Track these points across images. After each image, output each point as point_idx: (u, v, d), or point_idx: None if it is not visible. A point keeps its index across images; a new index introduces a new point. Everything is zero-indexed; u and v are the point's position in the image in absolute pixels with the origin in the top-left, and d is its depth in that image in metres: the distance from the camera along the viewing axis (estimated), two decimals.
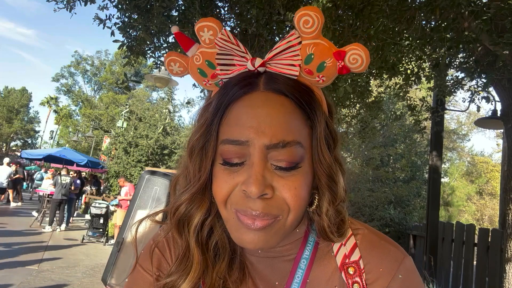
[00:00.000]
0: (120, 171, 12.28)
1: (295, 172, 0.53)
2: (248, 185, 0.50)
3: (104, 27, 3.77)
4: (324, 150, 0.55)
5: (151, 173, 2.98)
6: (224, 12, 4.16)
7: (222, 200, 0.54)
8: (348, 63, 0.55)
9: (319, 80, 0.56)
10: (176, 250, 0.63)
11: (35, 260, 6.18)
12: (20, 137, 44.09)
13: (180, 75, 0.63)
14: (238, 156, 0.53)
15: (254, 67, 0.55)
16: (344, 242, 0.60)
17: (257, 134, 0.51)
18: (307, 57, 0.55)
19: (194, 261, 0.58)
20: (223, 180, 0.54)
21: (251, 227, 0.52)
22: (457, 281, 5.77)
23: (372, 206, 10.22)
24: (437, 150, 6.08)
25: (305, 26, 0.54)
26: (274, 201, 0.52)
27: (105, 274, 2.72)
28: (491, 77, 3.69)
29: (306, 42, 0.55)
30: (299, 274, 0.58)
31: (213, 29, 0.57)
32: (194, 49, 0.61)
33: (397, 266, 0.57)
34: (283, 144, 0.51)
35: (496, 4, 2.82)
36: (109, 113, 24.50)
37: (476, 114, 13.70)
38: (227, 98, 0.55)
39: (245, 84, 0.55)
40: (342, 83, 3.21)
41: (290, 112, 0.53)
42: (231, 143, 0.53)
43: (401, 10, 3.27)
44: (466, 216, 18.78)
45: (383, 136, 10.55)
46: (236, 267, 0.62)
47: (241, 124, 0.53)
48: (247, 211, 0.52)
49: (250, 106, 0.53)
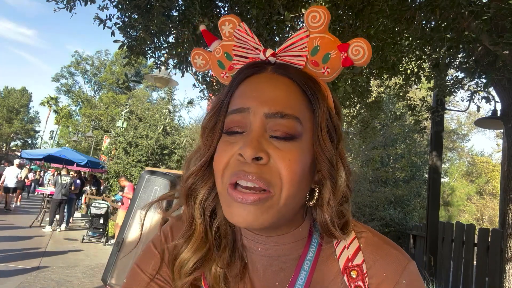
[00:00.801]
0: (120, 171, 12.27)
1: (291, 145, 0.53)
2: (243, 148, 0.51)
3: (105, 27, 3.77)
4: (325, 136, 0.56)
5: (151, 173, 2.98)
6: (224, 12, 4.16)
7: (219, 170, 0.55)
8: (351, 55, 0.59)
9: (324, 72, 0.60)
10: (178, 231, 0.64)
11: (35, 260, 6.18)
12: (20, 137, 44.10)
13: (202, 68, 0.69)
14: (240, 125, 0.55)
15: (265, 57, 0.60)
16: (347, 245, 0.59)
17: (258, 102, 0.54)
18: (313, 49, 0.60)
19: (196, 231, 0.60)
20: (222, 150, 0.56)
21: (241, 201, 0.52)
22: (457, 281, 5.77)
23: (372, 206, 10.22)
24: (437, 150, 6.08)
25: (313, 21, 0.60)
26: (268, 168, 0.52)
27: (105, 274, 2.72)
28: (491, 77, 3.69)
29: (313, 35, 0.60)
30: (302, 276, 0.58)
31: (233, 22, 0.64)
32: (216, 44, 0.67)
33: (401, 271, 0.57)
34: (281, 114, 0.54)
35: (496, 4, 2.82)
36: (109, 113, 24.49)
37: (476, 114, 13.70)
38: (238, 78, 0.59)
39: (255, 67, 0.59)
40: (342, 83, 3.21)
41: (293, 91, 0.57)
42: (233, 112, 0.56)
43: (401, 10, 3.27)
44: (466, 216, 18.78)
45: (383, 136, 10.55)
46: (237, 261, 0.61)
47: (245, 95, 0.57)
48: (240, 174, 0.52)
49: (255, 82, 0.58)
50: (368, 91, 5.05)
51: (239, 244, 0.63)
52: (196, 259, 0.59)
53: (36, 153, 16.24)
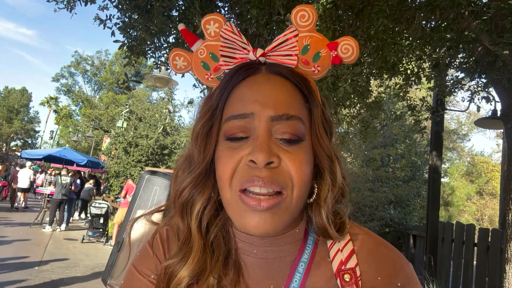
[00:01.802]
0: (120, 171, 12.27)
1: (298, 147, 0.53)
2: (254, 154, 0.50)
3: (105, 27, 3.77)
4: (322, 133, 0.56)
5: (151, 173, 2.97)
6: (224, 12, 4.16)
7: (227, 178, 0.53)
8: (341, 53, 0.59)
9: (314, 70, 0.60)
10: (174, 243, 0.62)
11: (35, 260, 6.18)
12: (20, 137, 44.09)
13: (183, 70, 0.64)
14: (243, 130, 0.53)
15: (255, 57, 0.58)
16: (341, 248, 0.58)
17: (262, 106, 0.53)
18: (303, 48, 0.59)
19: (194, 246, 0.57)
20: (227, 156, 0.54)
21: (257, 208, 0.51)
22: (457, 281, 5.77)
23: (372, 206, 10.22)
24: (437, 150, 6.08)
25: (302, 20, 0.59)
26: (279, 171, 0.52)
27: (105, 274, 2.71)
28: (491, 77, 3.69)
29: (302, 34, 0.59)
30: (297, 278, 0.56)
31: (219, 22, 0.61)
32: (198, 44, 0.63)
33: (396, 274, 0.55)
34: (287, 116, 0.53)
35: (496, 4, 2.82)
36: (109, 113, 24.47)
37: (476, 114, 13.70)
38: (232, 81, 0.57)
39: (249, 68, 0.58)
40: (342, 83, 3.21)
41: (291, 91, 0.56)
42: (235, 118, 0.54)
43: (401, 10, 3.27)
44: (466, 216, 18.77)
45: (383, 136, 10.55)
46: (231, 267, 0.59)
47: (245, 99, 0.55)
48: (253, 180, 0.51)
49: (253, 84, 0.56)
50: (368, 91, 5.05)
51: (233, 249, 0.61)
52: (193, 275, 0.57)
53: (36, 153, 16.27)
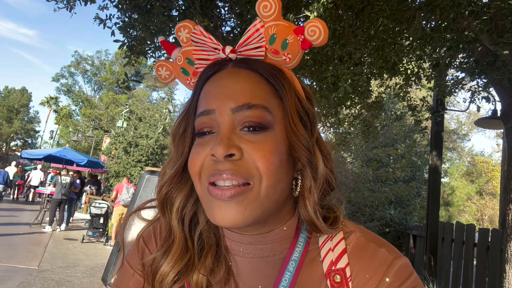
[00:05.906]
0: (120, 171, 12.28)
1: (263, 136, 0.52)
2: (214, 147, 0.50)
3: (105, 27, 3.78)
4: (296, 122, 0.55)
5: (151, 173, 2.97)
6: (224, 12, 4.16)
7: (195, 173, 0.54)
8: (308, 36, 0.58)
9: (285, 59, 0.59)
10: (162, 235, 0.62)
11: (35, 260, 6.19)
12: (20, 137, 44.09)
13: (168, 79, 0.67)
14: (208, 126, 0.54)
15: (225, 54, 0.58)
16: (332, 247, 0.56)
17: (222, 100, 0.53)
18: (270, 37, 0.59)
19: (175, 241, 0.58)
20: (195, 152, 0.55)
21: (221, 197, 0.50)
22: (457, 281, 5.77)
23: (372, 206, 10.22)
24: (437, 150, 6.08)
25: (265, 10, 0.60)
26: (242, 163, 0.51)
27: (105, 274, 2.71)
28: (491, 77, 3.68)
29: (268, 24, 0.59)
30: (286, 277, 0.55)
31: (188, 27, 0.62)
32: (176, 52, 0.65)
33: (384, 269, 0.53)
34: (248, 106, 0.53)
35: (496, 4, 2.83)
36: (109, 113, 24.49)
37: (476, 114, 13.71)
38: (201, 80, 0.58)
39: (215, 65, 0.58)
40: (342, 83, 3.20)
41: (256, 82, 0.56)
42: (200, 114, 0.55)
43: (401, 10, 3.27)
44: (466, 216, 18.79)
45: (383, 136, 10.56)
46: (220, 266, 0.59)
47: (209, 96, 0.56)
48: (216, 174, 0.51)
49: (218, 79, 0.57)
50: (368, 91, 5.05)
51: (222, 247, 0.60)
52: (176, 271, 0.57)
53: (36, 153, 16.27)
